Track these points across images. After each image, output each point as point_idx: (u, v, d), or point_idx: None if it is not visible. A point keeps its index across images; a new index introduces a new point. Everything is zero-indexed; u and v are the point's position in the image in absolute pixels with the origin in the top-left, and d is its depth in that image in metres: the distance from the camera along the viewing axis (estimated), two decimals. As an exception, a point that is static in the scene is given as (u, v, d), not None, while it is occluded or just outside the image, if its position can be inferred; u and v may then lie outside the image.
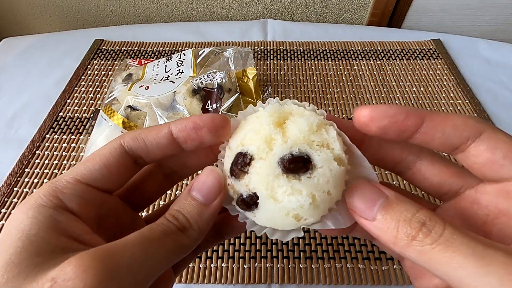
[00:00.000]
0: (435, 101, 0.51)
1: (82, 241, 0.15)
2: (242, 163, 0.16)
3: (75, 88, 0.53)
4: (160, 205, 0.36)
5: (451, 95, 0.52)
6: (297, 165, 0.16)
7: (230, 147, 0.18)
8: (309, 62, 0.58)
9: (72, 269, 0.13)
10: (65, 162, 0.42)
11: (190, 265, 0.34)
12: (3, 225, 0.36)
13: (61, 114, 0.49)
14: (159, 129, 0.18)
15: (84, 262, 0.13)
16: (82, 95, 0.52)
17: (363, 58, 0.58)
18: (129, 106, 0.41)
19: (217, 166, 0.19)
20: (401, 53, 0.59)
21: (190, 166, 0.21)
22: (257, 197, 0.16)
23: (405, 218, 0.14)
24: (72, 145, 0.44)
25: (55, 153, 0.43)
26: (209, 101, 0.41)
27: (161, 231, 0.15)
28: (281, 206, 0.16)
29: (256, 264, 0.34)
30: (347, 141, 0.18)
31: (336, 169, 0.16)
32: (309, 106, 0.18)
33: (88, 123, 0.47)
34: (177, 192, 0.39)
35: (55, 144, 0.44)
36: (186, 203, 0.17)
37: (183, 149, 0.18)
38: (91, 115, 0.48)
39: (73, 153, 0.43)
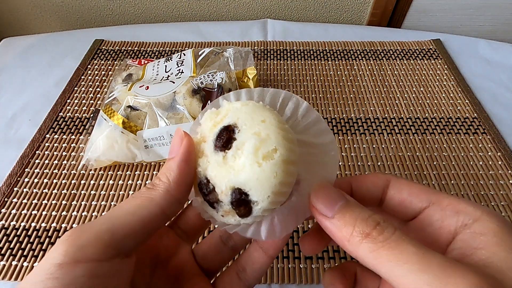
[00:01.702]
0: (435, 101, 0.51)
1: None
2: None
3: (75, 88, 0.53)
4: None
5: (451, 95, 0.52)
6: (225, 141, 0.17)
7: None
8: (309, 62, 0.58)
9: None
10: (65, 162, 0.42)
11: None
12: (3, 225, 0.37)
13: (61, 114, 0.49)
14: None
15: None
16: (82, 95, 0.52)
17: (363, 58, 0.58)
18: (129, 106, 0.41)
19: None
20: (401, 53, 0.59)
21: None
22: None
23: (362, 218, 0.16)
24: (72, 145, 0.44)
25: (55, 153, 0.44)
26: (209, 101, 0.41)
27: (140, 190, 0.18)
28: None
29: (256, 264, 0.34)
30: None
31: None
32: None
33: (88, 123, 0.47)
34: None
35: (55, 144, 0.44)
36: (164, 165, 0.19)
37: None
38: (91, 115, 0.48)
39: (73, 153, 0.43)
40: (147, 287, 0.20)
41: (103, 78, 0.55)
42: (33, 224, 0.37)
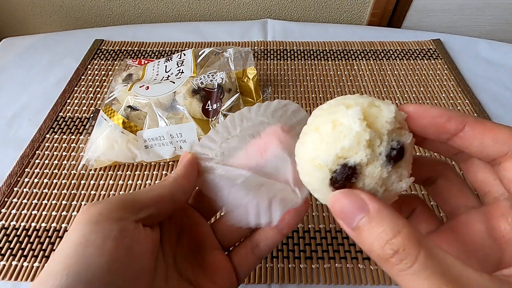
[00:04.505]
0: (435, 101, 0.51)
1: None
2: (347, 175, 0.17)
3: (75, 88, 0.53)
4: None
5: (451, 95, 0.52)
6: (398, 155, 0.17)
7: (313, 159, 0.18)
8: (309, 62, 0.58)
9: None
10: (65, 162, 0.42)
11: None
12: (3, 225, 0.37)
13: (61, 114, 0.49)
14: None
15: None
16: (82, 95, 0.52)
17: (363, 58, 0.58)
18: (129, 106, 0.41)
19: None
20: (401, 53, 0.59)
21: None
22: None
23: (379, 244, 0.15)
24: (72, 145, 0.44)
25: (55, 153, 0.44)
26: (209, 101, 0.41)
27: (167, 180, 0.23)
28: (391, 194, 0.18)
29: (256, 264, 0.34)
30: None
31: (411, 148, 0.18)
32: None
33: (88, 123, 0.47)
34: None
35: (55, 144, 0.44)
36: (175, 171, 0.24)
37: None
38: (91, 115, 0.48)
39: (73, 153, 0.43)
40: (173, 254, 0.23)
41: (103, 78, 0.55)
42: (33, 224, 0.37)
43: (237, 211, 0.22)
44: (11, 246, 0.35)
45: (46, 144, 0.44)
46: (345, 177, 0.17)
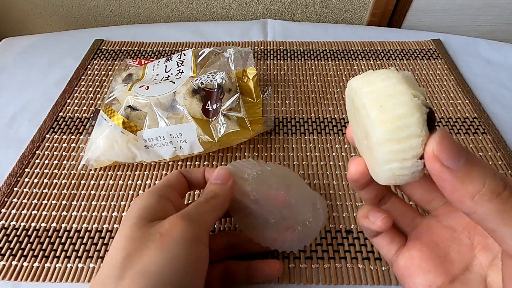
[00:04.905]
0: (435, 101, 0.51)
1: (172, 212, 0.25)
2: (433, 112, 0.18)
3: (75, 88, 0.53)
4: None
5: (451, 95, 0.52)
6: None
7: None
8: (309, 62, 0.58)
9: (168, 224, 0.23)
10: (65, 162, 0.42)
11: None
12: (3, 225, 0.37)
13: (61, 114, 0.49)
14: (199, 171, 0.31)
15: (173, 220, 0.24)
16: (82, 95, 0.52)
17: (363, 58, 0.58)
18: (129, 106, 0.41)
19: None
20: (401, 53, 0.59)
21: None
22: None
23: (491, 176, 0.15)
24: (72, 145, 0.44)
25: (55, 153, 0.44)
26: (209, 101, 0.41)
27: (205, 200, 0.26)
28: None
29: (256, 264, 0.34)
30: None
31: None
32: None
33: (88, 123, 0.47)
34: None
35: (55, 144, 0.44)
36: (213, 186, 0.28)
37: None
38: (91, 115, 0.48)
39: (73, 153, 0.43)
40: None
41: (103, 78, 0.55)
42: (33, 224, 0.37)
43: (266, 242, 0.28)
44: (11, 246, 0.35)
45: (46, 144, 0.44)
46: (433, 115, 0.17)
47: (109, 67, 0.57)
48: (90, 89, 0.53)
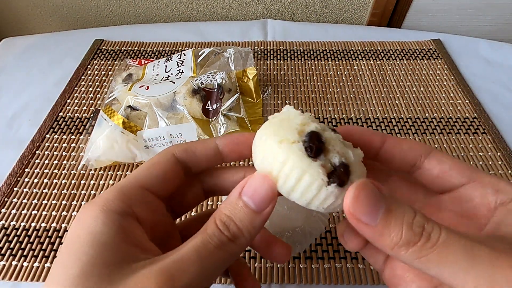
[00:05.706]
0: (435, 101, 0.51)
1: (143, 249, 0.16)
2: (317, 137, 0.17)
3: (75, 88, 0.53)
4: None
5: (451, 95, 0.52)
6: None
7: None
8: (309, 62, 0.58)
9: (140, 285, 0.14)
10: (65, 162, 0.42)
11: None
12: (3, 225, 0.37)
13: (61, 114, 0.49)
14: (207, 142, 0.20)
15: (150, 282, 0.14)
16: (82, 95, 0.52)
17: (363, 58, 0.58)
18: (129, 106, 0.41)
19: None
20: (401, 53, 0.59)
21: (227, 187, 0.22)
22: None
23: (407, 224, 0.15)
24: (72, 145, 0.44)
25: (55, 153, 0.44)
26: (209, 101, 0.41)
27: (215, 245, 0.16)
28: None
29: (256, 264, 0.34)
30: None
31: None
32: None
33: (88, 123, 0.47)
34: (209, 202, 0.39)
35: (55, 144, 0.44)
36: (237, 209, 0.17)
37: (223, 161, 0.21)
38: (91, 115, 0.48)
39: (73, 153, 0.43)
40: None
41: (103, 78, 0.55)
42: (33, 224, 0.37)
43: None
44: (11, 246, 0.35)
45: (46, 144, 0.44)
46: (317, 139, 0.17)
47: (109, 67, 0.57)
48: (90, 89, 0.53)
